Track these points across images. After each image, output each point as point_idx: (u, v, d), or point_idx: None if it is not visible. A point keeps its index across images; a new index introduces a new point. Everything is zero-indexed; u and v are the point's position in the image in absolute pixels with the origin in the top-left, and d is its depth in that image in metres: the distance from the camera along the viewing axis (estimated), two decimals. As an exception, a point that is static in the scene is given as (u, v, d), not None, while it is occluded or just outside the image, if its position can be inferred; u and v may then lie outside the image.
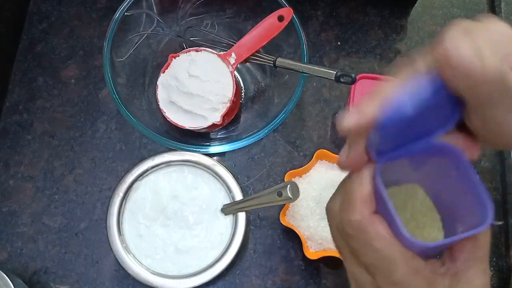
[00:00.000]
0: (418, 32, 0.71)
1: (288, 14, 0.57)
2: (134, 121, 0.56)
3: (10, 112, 0.67)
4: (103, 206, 0.63)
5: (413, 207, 0.32)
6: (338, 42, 0.71)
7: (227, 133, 0.64)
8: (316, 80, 0.68)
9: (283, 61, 0.58)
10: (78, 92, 0.68)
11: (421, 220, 0.31)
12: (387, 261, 0.27)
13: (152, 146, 0.65)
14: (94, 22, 0.70)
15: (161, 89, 0.61)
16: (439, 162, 0.29)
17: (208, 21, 0.66)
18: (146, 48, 0.64)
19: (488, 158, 0.67)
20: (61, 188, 0.64)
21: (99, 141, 0.66)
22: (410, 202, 0.32)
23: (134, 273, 0.56)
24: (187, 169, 0.61)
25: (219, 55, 0.61)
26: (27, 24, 0.70)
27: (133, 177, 0.59)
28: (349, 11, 0.72)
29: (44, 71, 0.68)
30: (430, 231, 0.31)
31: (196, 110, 0.59)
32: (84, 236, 0.62)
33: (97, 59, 0.69)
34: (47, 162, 0.65)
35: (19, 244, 0.62)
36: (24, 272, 0.61)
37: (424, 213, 0.31)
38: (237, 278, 0.61)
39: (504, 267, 0.62)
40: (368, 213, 0.28)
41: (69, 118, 0.67)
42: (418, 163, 0.30)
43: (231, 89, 0.60)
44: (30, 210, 0.63)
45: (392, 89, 0.27)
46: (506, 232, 0.64)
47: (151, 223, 0.59)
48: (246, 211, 0.58)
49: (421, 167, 0.31)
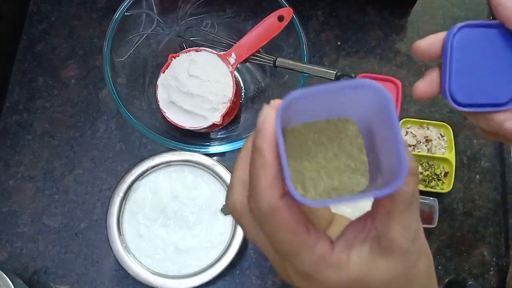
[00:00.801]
0: (418, 32, 0.71)
1: (288, 14, 0.57)
2: (134, 121, 0.56)
3: (10, 112, 0.67)
4: (103, 206, 0.63)
5: (340, 146, 0.29)
6: (338, 42, 0.71)
7: (227, 133, 0.64)
8: (316, 80, 0.68)
9: (283, 61, 0.58)
10: (78, 92, 0.68)
11: (345, 161, 0.28)
12: (292, 251, 0.26)
13: (152, 146, 0.65)
14: (94, 22, 0.70)
15: (161, 89, 0.61)
16: (370, 103, 0.26)
17: (208, 21, 0.66)
18: (146, 48, 0.64)
19: (488, 158, 0.67)
20: (61, 188, 0.64)
21: (99, 141, 0.66)
22: (337, 139, 0.29)
23: (134, 273, 0.56)
24: (187, 169, 0.61)
25: (219, 55, 0.61)
26: (27, 24, 0.70)
27: (133, 177, 0.59)
28: (349, 11, 0.72)
29: (44, 71, 0.68)
30: (352, 175, 0.28)
31: (196, 110, 0.59)
32: (84, 236, 0.62)
33: (97, 59, 0.69)
34: (47, 162, 0.65)
35: (19, 244, 0.62)
36: (24, 272, 0.61)
37: (350, 154, 0.28)
38: (237, 278, 0.61)
39: (504, 267, 0.62)
40: (274, 200, 0.25)
41: (69, 118, 0.67)
42: (344, 100, 0.27)
43: (231, 89, 0.60)
44: (30, 210, 0.63)
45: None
46: (506, 232, 0.64)
47: (151, 223, 0.59)
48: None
49: (348, 103, 0.28)
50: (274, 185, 0.25)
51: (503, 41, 0.35)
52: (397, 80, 0.62)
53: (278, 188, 0.25)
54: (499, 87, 0.36)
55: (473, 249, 0.64)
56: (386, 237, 0.25)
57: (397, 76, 0.63)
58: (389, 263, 0.26)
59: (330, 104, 0.27)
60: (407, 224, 0.25)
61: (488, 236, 0.64)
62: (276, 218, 0.25)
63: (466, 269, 0.63)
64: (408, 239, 0.26)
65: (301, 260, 0.25)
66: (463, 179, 0.66)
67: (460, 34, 0.35)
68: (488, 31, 0.35)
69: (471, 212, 0.65)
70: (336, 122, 0.29)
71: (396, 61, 0.70)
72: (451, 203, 0.65)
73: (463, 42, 0.35)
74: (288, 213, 0.25)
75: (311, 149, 0.28)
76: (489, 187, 0.66)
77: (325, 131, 0.28)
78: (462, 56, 0.35)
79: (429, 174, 0.64)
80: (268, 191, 0.25)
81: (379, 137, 0.27)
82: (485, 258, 0.63)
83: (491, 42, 0.35)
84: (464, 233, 0.64)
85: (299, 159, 0.28)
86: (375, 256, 0.26)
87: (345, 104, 0.27)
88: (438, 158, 0.64)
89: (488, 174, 0.66)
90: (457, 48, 0.35)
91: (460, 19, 0.72)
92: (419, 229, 0.26)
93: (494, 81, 0.36)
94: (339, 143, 0.28)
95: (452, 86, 0.35)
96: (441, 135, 0.66)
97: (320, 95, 0.26)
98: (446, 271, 0.63)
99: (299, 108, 0.27)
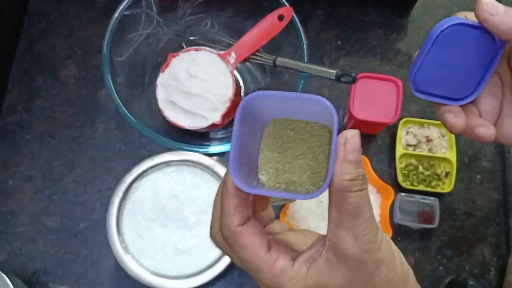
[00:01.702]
0: (418, 32, 0.71)
1: (288, 13, 0.57)
2: (133, 121, 0.56)
3: (9, 112, 0.66)
4: (103, 206, 0.63)
5: (309, 147, 0.31)
6: (338, 42, 0.71)
7: (227, 132, 0.64)
8: (317, 80, 0.68)
9: (283, 60, 0.57)
10: (77, 91, 0.67)
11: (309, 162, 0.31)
12: (254, 268, 0.29)
13: (151, 146, 0.65)
14: (94, 21, 0.70)
15: (161, 88, 0.61)
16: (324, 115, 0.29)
17: (208, 21, 0.65)
18: (146, 47, 0.63)
19: (488, 158, 0.67)
20: (60, 188, 0.64)
21: (98, 141, 0.66)
22: (309, 141, 0.31)
23: (134, 274, 0.56)
24: (187, 169, 0.61)
25: (219, 54, 0.61)
26: (27, 24, 0.70)
27: (133, 177, 0.59)
28: (349, 10, 0.72)
29: (43, 70, 0.68)
30: (312, 175, 0.30)
31: (196, 109, 0.59)
32: (83, 236, 0.62)
33: (97, 58, 0.69)
34: (46, 162, 0.65)
35: (19, 244, 0.62)
36: (23, 272, 0.60)
37: (316, 157, 0.31)
38: (237, 278, 0.61)
39: (504, 267, 0.62)
40: (233, 226, 0.29)
41: (68, 118, 0.66)
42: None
43: (231, 89, 0.60)
44: (29, 210, 0.63)
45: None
46: (506, 232, 0.64)
47: (151, 223, 0.59)
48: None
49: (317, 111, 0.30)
50: (234, 213, 0.29)
51: (481, 44, 0.36)
52: (397, 80, 0.62)
53: (238, 216, 0.29)
54: (459, 85, 0.38)
55: (474, 249, 0.64)
56: (338, 246, 0.28)
57: (398, 76, 0.62)
58: (345, 270, 0.28)
59: (297, 108, 0.30)
60: (357, 234, 0.27)
61: (489, 236, 0.64)
62: (237, 241, 0.29)
63: (467, 269, 0.63)
64: (360, 249, 0.28)
65: (263, 276, 0.29)
66: (464, 179, 0.66)
67: (449, 30, 0.35)
68: (473, 32, 0.35)
69: (472, 212, 0.65)
70: (313, 125, 0.31)
71: (397, 61, 0.70)
72: (452, 203, 0.65)
73: (448, 38, 0.35)
74: (247, 237, 0.29)
75: (284, 143, 0.31)
76: (490, 187, 0.66)
77: (301, 131, 0.31)
78: (440, 50, 0.36)
79: (430, 174, 0.64)
80: (229, 218, 0.29)
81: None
82: (486, 258, 0.63)
83: (471, 42, 0.36)
84: (465, 233, 0.64)
85: (272, 149, 0.31)
86: (332, 265, 0.28)
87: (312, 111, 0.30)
88: (439, 158, 0.64)
89: (489, 174, 0.66)
90: (439, 42, 0.36)
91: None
92: (375, 241, 0.28)
93: (458, 79, 0.37)
94: (309, 144, 0.31)
95: (418, 73, 0.37)
96: (442, 135, 0.65)
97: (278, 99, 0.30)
98: (447, 271, 0.63)
99: (267, 106, 0.30)
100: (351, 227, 0.27)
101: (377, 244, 0.28)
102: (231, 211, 0.29)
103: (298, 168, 0.31)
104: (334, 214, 0.28)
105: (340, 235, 0.28)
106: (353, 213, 0.27)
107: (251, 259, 0.29)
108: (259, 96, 0.29)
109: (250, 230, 0.29)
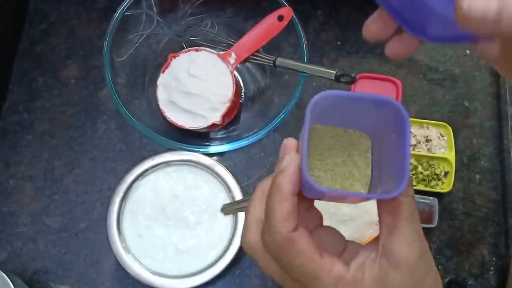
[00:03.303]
0: (418, 32, 0.71)
1: (288, 13, 0.57)
2: (134, 121, 0.56)
3: (10, 112, 0.67)
4: (103, 206, 0.63)
5: (350, 155, 0.32)
6: (338, 42, 0.71)
7: (227, 133, 0.64)
8: (316, 80, 0.68)
9: (283, 61, 0.58)
10: (78, 92, 0.68)
11: (351, 170, 0.31)
12: (310, 275, 0.28)
13: (152, 146, 0.65)
14: (94, 22, 0.70)
15: (161, 89, 0.61)
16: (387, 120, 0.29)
17: (208, 21, 0.66)
18: (146, 48, 0.64)
19: (488, 158, 0.67)
20: (61, 188, 0.64)
21: (99, 141, 0.66)
22: (349, 149, 0.32)
23: (134, 273, 0.56)
24: (187, 169, 0.61)
25: (219, 55, 0.61)
26: (27, 24, 0.70)
27: (133, 177, 0.59)
28: (349, 11, 0.72)
29: (44, 71, 0.68)
30: (353, 183, 0.31)
31: (196, 110, 0.59)
32: (84, 236, 0.62)
33: (97, 59, 0.69)
34: (47, 162, 0.65)
35: (19, 244, 0.62)
36: (24, 272, 0.61)
37: (357, 165, 0.31)
38: (237, 278, 0.61)
39: (504, 267, 0.62)
40: (288, 231, 0.28)
41: (69, 118, 0.67)
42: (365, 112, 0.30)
43: (231, 89, 0.60)
44: (30, 210, 0.63)
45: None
46: (506, 232, 0.64)
47: (151, 223, 0.59)
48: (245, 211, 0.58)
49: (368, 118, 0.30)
50: (289, 218, 0.28)
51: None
52: (397, 80, 0.62)
53: (292, 221, 0.28)
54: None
55: (473, 249, 0.64)
56: (393, 252, 0.28)
57: (397, 76, 0.63)
58: (399, 277, 0.28)
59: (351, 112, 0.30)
60: (410, 241, 0.27)
61: (488, 236, 0.64)
62: (292, 248, 0.28)
63: (466, 269, 0.63)
64: (414, 255, 0.27)
65: (321, 283, 0.28)
66: (463, 179, 0.66)
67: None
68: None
69: (471, 212, 0.65)
70: (352, 134, 0.32)
71: (396, 61, 0.70)
72: (451, 202, 0.65)
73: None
74: (302, 243, 0.28)
75: (324, 151, 0.31)
76: (489, 186, 0.66)
77: (341, 138, 0.32)
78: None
79: (429, 173, 0.64)
80: (284, 223, 0.28)
81: (386, 151, 0.30)
82: (485, 258, 0.63)
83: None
84: (464, 233, 0.64)
85: (312, 156, 0.31)
86: (386, 272, 0.28)
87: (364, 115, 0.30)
88: (438, 158, 0.64)
89: (488, 173, 0.66)
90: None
91: (460, 19, 0.72)
92: (425, 248, 0.28)
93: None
94: (350, 152, 0.32)
95: None
96: (441, 135, 0.66)
97: (346, 100, 0.29)
98: (446, 270, 0.63)
99: (323, 109, 0.29)
100: (405, 233, 0.27)
101: (426, 250, 0.28)
102: (285, 216, 0.28)
103: (340, 175, 0.31)
104: (388, 220, 0.28)
105: (394, 241, 0.27)
106: (408, 218, 0.27)
107: (309, 265, 0.28)
108: (332, 95, 0.28)
109: (304, 235, 0.28)
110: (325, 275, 0.28)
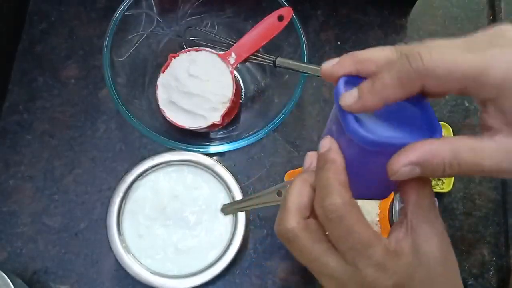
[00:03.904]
0: (418, 32, 0.71)
1: (288, 13, 0.57)
2: (134, 121, 0.56)
3: (10, 112, 0.67)
4: (103, 206, 0.63)
5: None
6: (338, 42, 0.71)
7: (227, 133, 0.64)
8: (316, 80, 0.68)
9: (283, 61, 0.58)
10: (78, 92, 0.68)
11: None
12: (366, 243, 0.28)
13: (152, 146, 0.65)
14: (94, 22, 0.70)
15: (161, 89, 0.61)
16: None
17: (208, 21, 0.66)
18: (146, 48, 0.64)
19: (488, 158, 0.67)
20: (61, 188, 0.64)
21: (99, 141, 0.66)
22: None
23: (134, 273, 0.56)
24: (187, 169, 0.61)
25: (219, 55, 0.61)
26: (27, 24, 0.70)
27: (133, 177, 0.59)
28: (349, 11, 0.72)
29: (44, 71, 0.68)
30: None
31: (196, 110, 0.59)
32: (84, 236, 0.62)
33: (97, 59, 0.69)
34: (47, 162, 0.65)
35: (19, 244, 0.62)
36: (24, 272, 0.61)
37: None
38: (237, 278, 0.61)
39: (504, 267, 0.62)
40: (349, 197, 0.29)
41: (69, 118, 0.67)
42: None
43: (231, 89, 0.60)
44: (30, 210, 0.63)
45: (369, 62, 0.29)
46: (506, 232, 0.64)
47: (151, 223, 0.59)
48: (245, 211, 0.58)
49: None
50: (347, 187, 0.29)
51: None
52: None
53: (349, 192, 0.29)
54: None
55: (473, 249, 0.64)
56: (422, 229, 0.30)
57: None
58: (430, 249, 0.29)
59: None
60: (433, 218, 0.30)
61: (488, 236, 0.64)
62: (352, 214, 0.28)
63: (466, 269, 0.63)
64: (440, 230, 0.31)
65: (375, 251, 0.28)
66: (463, 179, 0.66)
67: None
68: None
69: (471, 212, 0.65)
70: None
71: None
72: (451, 202, 0.65)
73: None
74: (360, 211, 0.29)
75: None
76: (489, 187, 0.66)
77: None
78: None
79: (429, 174, 0.64)
80: (344, 190, 0.29)
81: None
82: (485, 258, 0.63)
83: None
84: (464, 233, 0.64)
85: None
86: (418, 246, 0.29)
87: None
88: (438, 158, 0.64)
89: (488, 174, 0.66)
90: None
91: (460, 19, 0.72)
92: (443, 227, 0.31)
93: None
94: None
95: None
96: (441, 135, 0.65)
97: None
98: (446, 271, 0.63)
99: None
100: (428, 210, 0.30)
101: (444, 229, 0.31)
102: (344, 184, 0.29)
103: None
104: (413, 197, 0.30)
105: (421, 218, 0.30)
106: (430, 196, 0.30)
107: (367, 233, 0.29)
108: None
109: (358, 205, 0.29)
110: (377, 244, 0.28)
